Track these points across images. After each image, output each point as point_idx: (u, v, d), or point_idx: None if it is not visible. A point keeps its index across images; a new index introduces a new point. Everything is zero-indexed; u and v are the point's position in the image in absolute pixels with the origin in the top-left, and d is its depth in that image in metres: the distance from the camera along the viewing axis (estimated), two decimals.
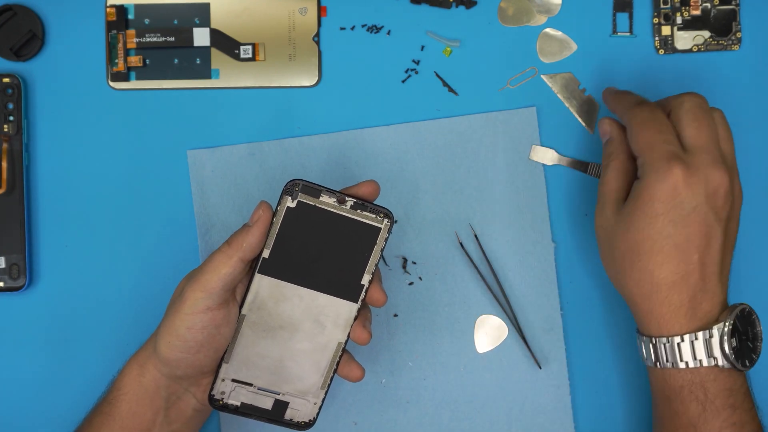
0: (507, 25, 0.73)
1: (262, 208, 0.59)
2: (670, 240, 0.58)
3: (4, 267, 0.71)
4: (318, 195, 0.58)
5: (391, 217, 0.59)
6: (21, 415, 0.72)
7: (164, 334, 0.59)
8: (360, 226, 0.59)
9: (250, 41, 0.72)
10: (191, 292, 0.58)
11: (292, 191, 0.58)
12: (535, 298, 0.72)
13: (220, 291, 0.58)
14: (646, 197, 0.59)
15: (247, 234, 0.58)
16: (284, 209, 0.58)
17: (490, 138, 0.72)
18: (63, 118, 0.73)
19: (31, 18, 0.72)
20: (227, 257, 0.58)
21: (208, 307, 0.58)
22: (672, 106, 0.61)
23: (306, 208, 0.58)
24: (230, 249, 0.58)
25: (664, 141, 0.59)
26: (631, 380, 0.72)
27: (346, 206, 0.59)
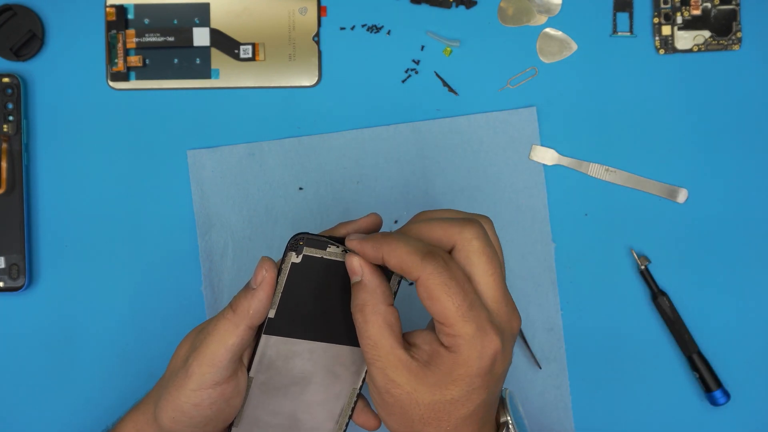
0: (507, 25, 0.73)
1: (265, 267, 0.53)
2: (485, 405, 0.52)
3: (3, 267, 0.71)
4: (324, 247, 0.53)
5: None
6: (21, 415, 0.72)
7: (167, 408, 0.54)
8: None
9: (250, 41, 0.72)
10: (197, 367, 0.53)
11: (297, 246, 0.53)
12: (535, 298, 0.72)
13: (228, 363, 0.53)
14: (464, 373, 0.50)
15: (252, 298, 0.53)
16: (289, 266, 0.53)
17: (490, 138, 0.72)
18: (63, 118, 0.73)
19: (31, 18, 0.72)
20: (234, 326, 0.53)
21: (216, 382, 0.53)
22: (457, 242, 0.51)
23: (311, 261, 0.53)
24: (236, 317, 0.53)
25: (473, 307, 0.50)
26: (631, 380, 0.72)
27: None
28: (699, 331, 0.72)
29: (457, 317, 0.49)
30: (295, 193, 0.72)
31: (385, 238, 0.51)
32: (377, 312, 0.52)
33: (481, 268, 0.51)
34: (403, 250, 0.50)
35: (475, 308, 0.50)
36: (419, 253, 0.50)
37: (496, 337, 0.50)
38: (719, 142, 0.73)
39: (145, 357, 0.72)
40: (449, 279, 0.50)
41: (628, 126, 0.73)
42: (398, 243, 0.51)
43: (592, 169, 0.72)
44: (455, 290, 0.49)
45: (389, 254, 0.51)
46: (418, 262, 0.50)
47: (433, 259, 0.50)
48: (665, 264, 0.72)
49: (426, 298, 0.50)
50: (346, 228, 0.56)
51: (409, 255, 0.50)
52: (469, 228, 0.51)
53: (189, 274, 0.72)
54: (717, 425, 0.72)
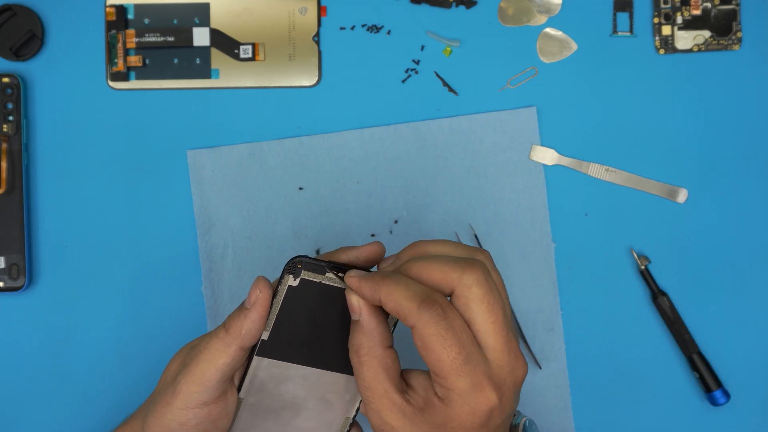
0: (507, 25, 0.73)
1: (259, 287, 0.51)
2: None
3: (3, 267, 0.71)
4: (323, 272, 0.52)
5: None
6: (20, 415, 0.72)
7: (153, 425, 0.53)
8: None
9: (250, 41, 0.72)
10: (185, 385, 0.51)
11: (295, 269, 0.52)
12: (535, 298, 0.72)
13: (217, 383, 0.52)
14: (456, 426, 0.49)
15: (245, 319, 0.51)
16: (285, 288, 0.52)
17: (490, 138, 0.72)
18: (63, 118, 0.73)
19: (31, 18, 0.72)
20: (225, 345, 0.51)
21: (203, 401, 0.52)
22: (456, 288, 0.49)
23: (309, 285, 0.52)
24: (228, 336, 0.51)
25: (469, 361, 0.48)
26: (631, 380, 0.72)
27: None
28: (699, 331, 0.72)
29: (450, 371, 0.48)
30: (295, 193, 0.72)
31: (384, 280, 0.49)
32: (373, 355, 0.50)
33: (482, 317, 0.49)
34: (401, 294, 0.49)
35: (471, 362, 0.48)
36: (417, 299, 0.48)
37: (491, 393, 0.49)
38: (719, 142, 0.73)
39: (144, 357, 0.72)
40: (445, 330, 0.48)
41: (628, 126, 0.73)
42: (396, 286, 0.49)
43: (592, 169, 0.72)
44: (451, 342, 0.48)
45: (386, 297, 0.49)
46: (414, 309, 0.48)
47: (430, 307, 0.48)
48: (665, 264, 0.72)
49: (421, 347, 0.48)
50: (347, 254, 0.54)
51: (407, 300, 0.48)
52: (470, 272, 0.49)
53: (189, 274, 0.72)
54: (717, 425, 0.72)
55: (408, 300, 0.48)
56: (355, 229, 0.72)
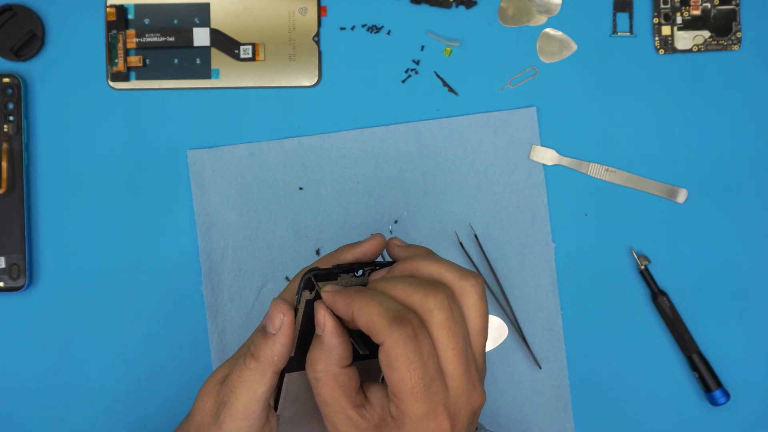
0: (507, 25, 0.73)
1: (282, 311, 0.51)
2: None
3: (4, 267, 0.71)
4: (335, 278, 0.52)
5: None
6: (21, 415, 0.72)
7: None
8: None
9: (250, 41, 0.72)
10: (231, 422, 0.51)
11: (310, 283, 0.51)
12: (535, 298, 0.72)
13: (260, 413, 0.51)
14: None
15: (275, 344, 0.51)
16: (303, 304, 0.51)
17: (490, 138, 0.72)
18: (63, 118, 0.73)
19: (31, 18, 0.72)
20: (260, 375, 0.51)
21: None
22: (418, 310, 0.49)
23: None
24: (261, 365, 0.51)
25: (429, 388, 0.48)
26: (631, 380, 0.72)
27: (364, 276, 0.53)
28: (699, 331, 0.72)
29: (410, 394, 0.47)
30: (295, 193, 0.72)
31: (358, 294, 0.49)
32: (329, 373, 0.50)
33: (441, 343, 0.48)
34: (374, 310, 0.48)
35: (431, 389, 0.48)
36: (389, 316, 0.47)
37: (445, 421, 0.48)
38: (719, 142, 0.73)
39: (145, 357, 0.72)
40: (413, 352, 0.47)
41: (628, 126, 0.73)
42: (370, 302, 0.48)
43: (592, 169, 0.72)
44: (416, 365, 0.47)
45: (359, 312, 0.48)
46: (386, 326, 0.47)
47: (401, 326, 0.47)
48: (665, 264, 0.72)
49: (386, 365, 0.48)
50: (352, 252, 0.54)
51: (379, 317, 0.48)
52: (432, 297, 0.48)
53: (189, 274, 0.72)
54: (717, 425, 0.72)
55: (380, 316, 0.48)
56: (355, 229, 0.72)
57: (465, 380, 0.49)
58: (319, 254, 0.72)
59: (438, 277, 0.50)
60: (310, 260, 0.72)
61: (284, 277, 0.72)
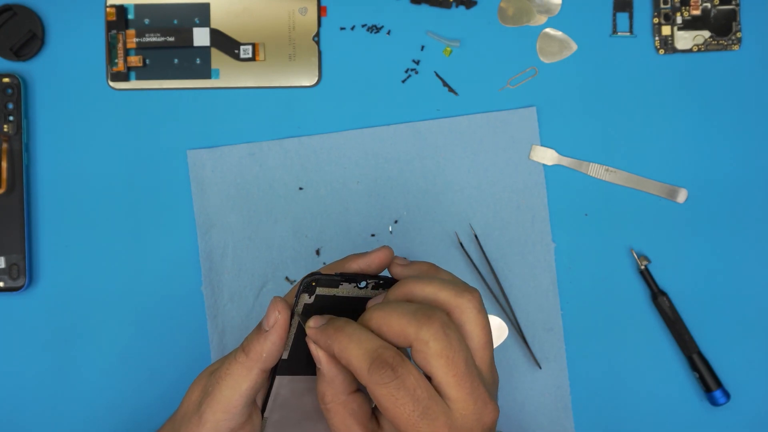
0: (507, 25, 0.73)
1: (278, 309, 0.51)
2: None
3: (4, 267, 0.71)
4: (337, 285, 0.52)
5: None
6: (21, 415, 0.72)
7: None
8: None
9: (250, 41, 0.72)
10: (211, 414, 0.51)
11: (310, 287, 0.51)
12: (535, 298, 0.72)
13: (242, 408, 0.52)
14: None
15: (265, 341, 0.51)
16: (301, 308, 0.52)
17: (490, 138, 0.72)
18: (63, 118, 0.73)
19: (31, 18, 0.72)
20: (247, 370, 0.51)
21: (230, 428, 0.52)
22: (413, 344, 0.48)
23: (324, 300, 0.52)
24: (249, 360, 0.51)
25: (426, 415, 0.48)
26: (631, 380, 0.72)
27: (367, 288, 0.53)
28: (699, 331, 0.72)
29: (408, 426, 0.47)
30: (295, 193, 0.72)
31: (337, 335, 0.49)
32: (338, 402, 0.50)
33: (441, 371, 0.48)
34: (352, 353, 0.48)
35: (429, 415, 0.47)
36: (367, 359, 0.47)
37: None
38: (719, 142, 0.73)
39: (145, 357, 0.72)
40: (396, 389, 0.47)
41: (628, 126, 0.73)
42: (349, 344, 0.48)
43: (592, 169, 0.72)
44: (403, 400, 0.47)
45: (339, 354, 0.49)
46: (365, 369, 0.47)
47: (378, 368, 0.47)
48: (665, 264, 0.72)
49: (377, 404, 0.48)
50: (357, 262, 0.54)
51: (357, 360, 0.48)
52: (427, 327, 0.48)
53: (189, 274, 0.72)
54: (717, 425, 0.72)
55: (358, 360, 0.48)
56: (355, 229, 0.72)
57: (472, 401, 0.48)
58: (319, 254, 0.72)
59: (434, 299, 0.50)
60: (310, 260, 0.72)
61: (284, 278, 0.72)
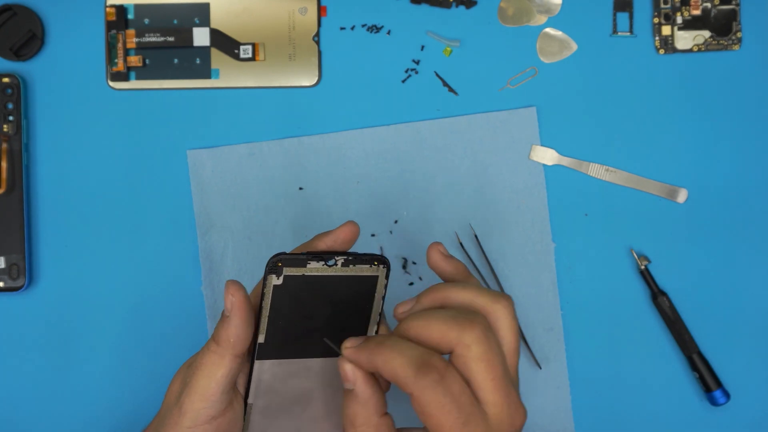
0: (507, 25, 0.73)
1: (230, 292, 0.51)
2: None
3: (4, 267, 0.71)
4: (305, 264, 0.52)
5: (387, 263, 0.54)
6: (21, 415, 0.72)
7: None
8: (355, 281, 0.53)
9: (250, 41, 0.72)
10: (190, 403, 0.51)
11: (276, 268, 0.51)
12: (535, 298, 0.72)
13: (221, 396, 0.52)
14: None
15: (229, 326, 0.51)
16: (271, 289, 0.51)
17: (490, 138, 0.72)
18: (63, 118, 0.73)
19: (31, 18, 0.72)
20: (219, 357, 0.51)
21: (211, 416, 0.52)
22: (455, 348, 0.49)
23: (293, 280, 0.52)
24: (220, 348, 0.51)
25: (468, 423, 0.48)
26: (631, 380, 0.72)
27: (337, 265, 0.52)
28: (699, 331, 0.72)
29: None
30: (295, 193, 0.72)
31: (380, 348, 0.49)
32: (370, 424, 0.50)
33: (481, 375, 0.49)
34: (397, 362, 0.48)
35: (470, 423, 0.48)
36: (413, 366, 0.47)
37: None
38: (719, 142, 0.73)
39: (145, 357, 0.72)
40: (443, 395, 0.47)
41: (628, 126, 0.73)
42: (392, 354, 0.48)
43: (592, 169, 0.72)
44: (449, 407, 0.47)
45: (383, 367, 0.48)
46: (411, 376, 0.47)
47: (427, 373, 0.47)
48: (665, 264, 0.72)
49: (420, 413, 0.48)
50: (324, 240, 0.54)
51: (403, 368, 0.48)
52: (469, 331, 0.49)
53: (189, 274, 0.72)
54: (717, 425, 0.72)
55: (404, 367, 0.48)
56: None
57: (506, 405, 0.49)
58: None
59: (470, 305, 0.51)
60: None
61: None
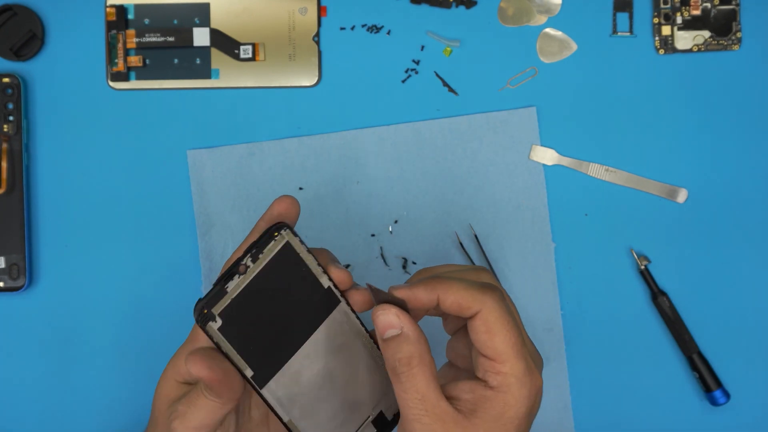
0: (507, 25, 0.73)
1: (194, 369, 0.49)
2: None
3: (4, 267, 0.71)
4: (225, 291, 0.50)
5: (284, 224, 0.51)
6: (21, 415, 0.72)
7: None
8: (277, 261, 0.51)
9: (250, 41, 0.72)
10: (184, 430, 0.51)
11: (206, 315, 0.50)
12: (535, 298, 0.72)
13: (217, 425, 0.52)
14: (513, 416, 0.49)
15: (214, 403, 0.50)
16: (219, 334, 0.50)
17: (490, 138, 0.72)
18: (63, 118, 0.73)
19: (31, 18, 0.72)
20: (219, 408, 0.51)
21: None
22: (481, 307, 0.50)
23: (231, 309, 0.50)
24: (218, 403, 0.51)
25: (524, 345, 0.50)
26: (631, 380, 0.72)
27: (250, 266, 0.50)
28: (699, 331, 0.72)
29: (511, 354, 0.49)
30: (295, 193, 0.72)
31: (437, 279, 0.51)
32: (424, 363, 0.49)
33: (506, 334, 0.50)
34: (461, 285, 0.50)
35: (525, 346, 0.50)
36: (477, 288, 0.50)
37: (539, 376, 0.51)
38: (719, 142, 0.73)
39: (145, 357, 0.72)
40: (507, 314, 0.50)
41: (628, 126, 0.73)
42: (452, 282, 0.50)
43: (592, 169, 0.72)
44: (512, 325, 0.49)
45: (446, 292, 0.50)
46: (478, 295, 0.50)
47: (492, 292, 0.50)
48: (665, 264, 0.72)
49: (484, 331, 0.49)
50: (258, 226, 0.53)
51: (467, 290, 0.50)
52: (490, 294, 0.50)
53: (189, 274, 0.72)
54: (717, 425, 0.72)
55: (469, 289, 0.50)
56: (355, 229, 0.72)
57: (530, 343, 0.53)
58: None
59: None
60: None
61: None
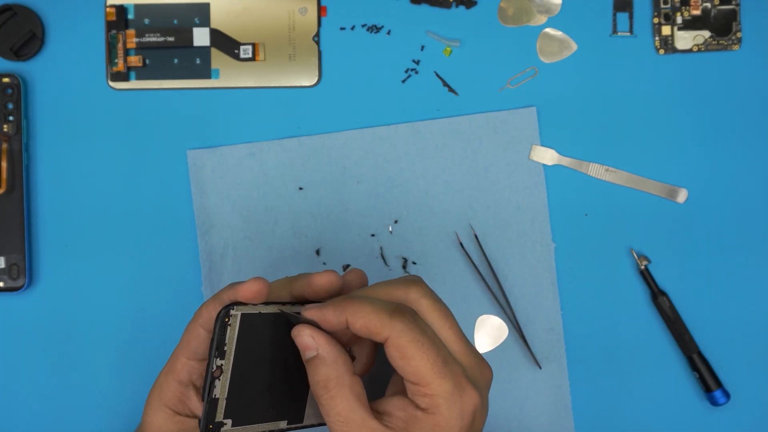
0: (507, 25, 0.73)
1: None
2: None
3: (4, 267, 0.71)
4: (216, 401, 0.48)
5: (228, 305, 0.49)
6: (21, 415, 0.72)
7: None
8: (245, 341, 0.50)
9: (250, 41, 0.72)
10: None
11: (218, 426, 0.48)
12: (535, 298, 0.72)
13: None
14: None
15: None
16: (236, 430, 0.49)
17: (490, 138, 0.72)
18: (63, 118, 0.73)
19: (31, 18, 0.72)
20: None
21: None
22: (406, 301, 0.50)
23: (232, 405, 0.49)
24: None
25: (447, 362, 0.48)
26: (631, 380, 0.72)
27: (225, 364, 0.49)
28: (699, 331, 0.72)
29: (433, 375, 0.47)
30: (295, 193, 0.72)
31: (348, 301, 0.48)
32: (343, 385, 0.48)
33: (439, 324, 0.49)
34: (368, 309, 0.48)
35: (449, 363, 0.48)
36: (386, 311, 0.47)
37: (474, 392, 0.48)
38: (719, 142, 0.73)
39: (144, 357, 0.72)
40: (420, 335, 0.47)
41: (628, 126, 0.73)
42: (362, 304, 0.48)
43: (592, 169, 0.72)
44: (428, 346, 0.47)
45: (354, 316, 0.48)
46: (386, 320, 0.47)
47: (401, 315, 0.47)
48: (665, 264, 0.72)
49: (398, 357, 0.47)
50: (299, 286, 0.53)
51: (376, 314, 0.47)
52: (414, 288, 0.49)
53: (189, 274, 0.72)
54: (717, 425, 0.72)
55: (378, 313, 0.47)
56: (355, 229, 0.72)
57: (472, 355, 0.50)
58: (319, 254, 0.72)
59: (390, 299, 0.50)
60: (310, 260, 0.72)
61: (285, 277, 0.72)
